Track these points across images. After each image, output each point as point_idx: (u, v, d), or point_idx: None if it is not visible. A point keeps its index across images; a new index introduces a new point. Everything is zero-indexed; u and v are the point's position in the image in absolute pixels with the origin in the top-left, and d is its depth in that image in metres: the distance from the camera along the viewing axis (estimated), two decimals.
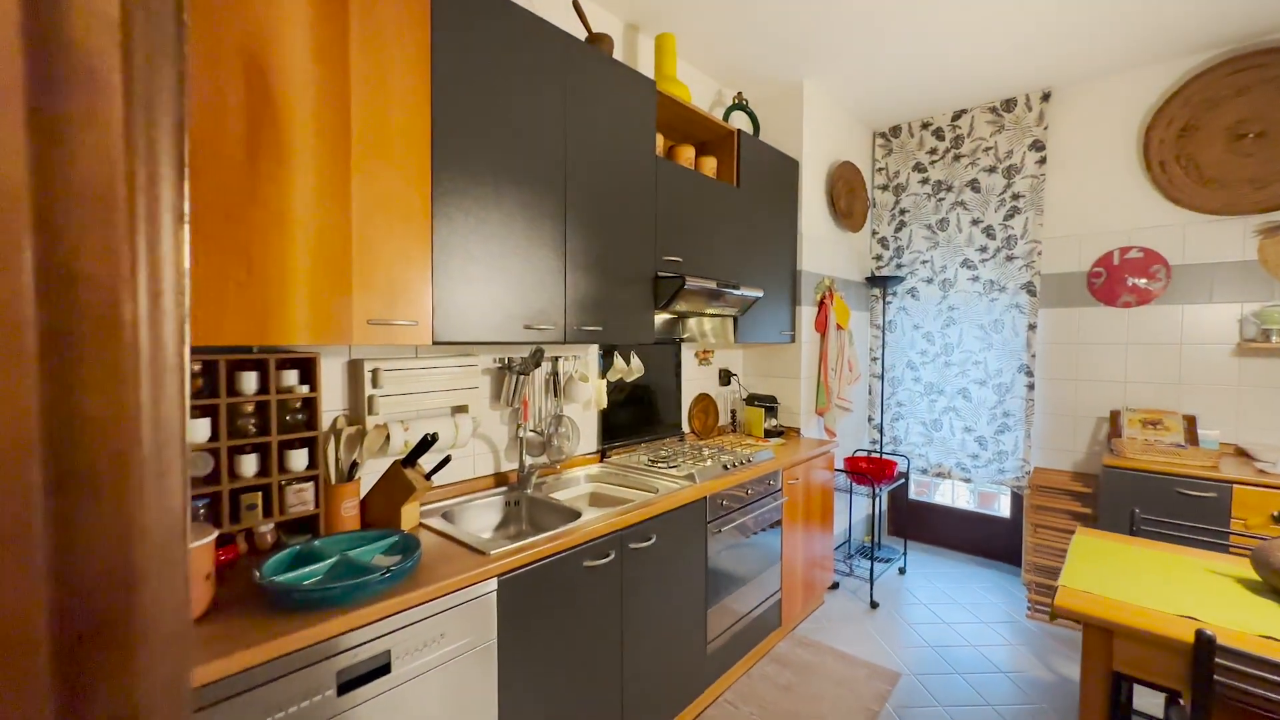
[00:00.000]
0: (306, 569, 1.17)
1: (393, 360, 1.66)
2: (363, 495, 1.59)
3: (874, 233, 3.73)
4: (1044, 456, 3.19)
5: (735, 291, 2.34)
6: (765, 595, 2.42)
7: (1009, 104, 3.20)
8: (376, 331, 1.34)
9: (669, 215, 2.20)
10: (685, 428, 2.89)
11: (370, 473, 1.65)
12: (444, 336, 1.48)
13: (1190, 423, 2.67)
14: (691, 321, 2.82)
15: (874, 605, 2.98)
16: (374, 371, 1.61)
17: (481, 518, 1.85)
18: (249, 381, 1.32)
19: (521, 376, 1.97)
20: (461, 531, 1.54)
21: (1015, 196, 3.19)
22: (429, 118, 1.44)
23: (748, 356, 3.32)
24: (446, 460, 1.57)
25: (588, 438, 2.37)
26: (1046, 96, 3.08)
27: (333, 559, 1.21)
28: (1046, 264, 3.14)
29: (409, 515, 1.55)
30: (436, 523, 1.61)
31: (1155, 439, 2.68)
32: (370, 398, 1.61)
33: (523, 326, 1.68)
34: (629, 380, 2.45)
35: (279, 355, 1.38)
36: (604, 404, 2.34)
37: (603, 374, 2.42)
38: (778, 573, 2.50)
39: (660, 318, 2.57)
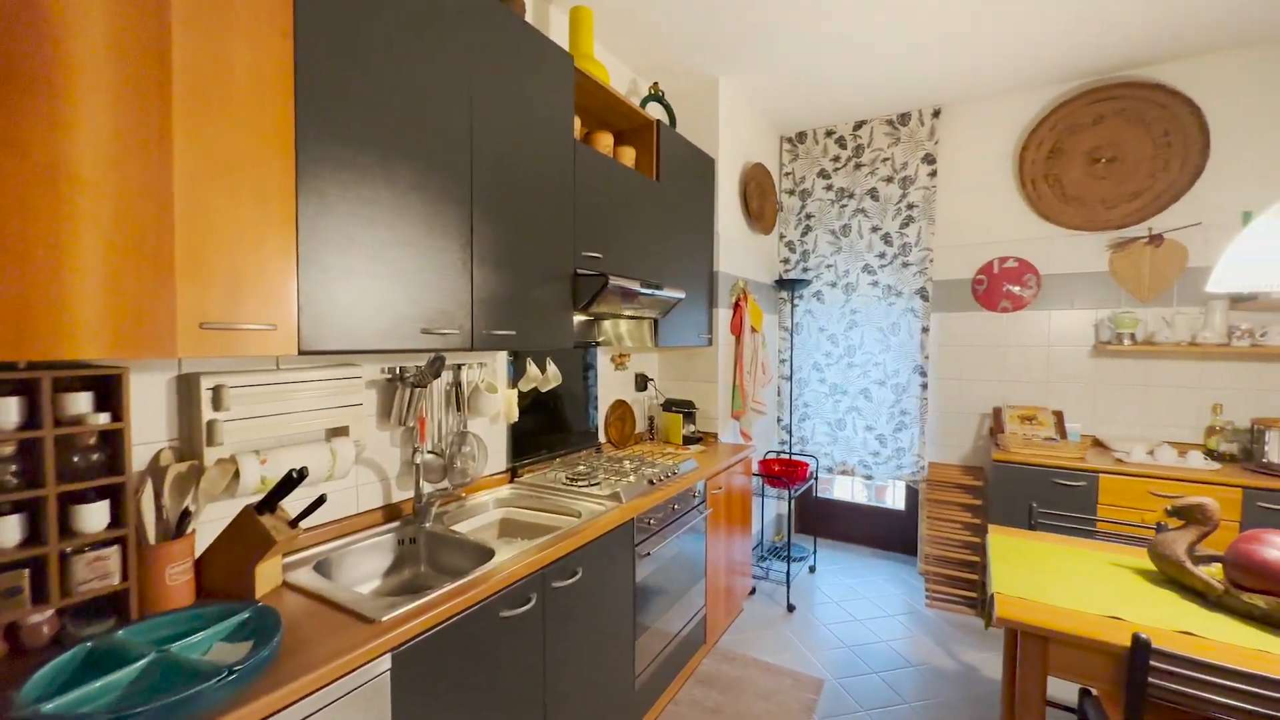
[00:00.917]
0: (100, 682, 0.81)
1: (244, 374, 1.29)
2: (200, 554, 1.21)
3: (781, 236, 3.78)
4: (936, 452, 3.40)
5: (659, 293, 2.18)
6: (691, 613, 2.29)
7: (904, 118, 3.36)
8: (215, 338, 1.00)
9: (588, 207, 1.99)
10: (601, 437, 2.69)
11: (212, 521, 1.27)
12: (315, 344, 1.16)
13: (1059, 418, 2.94)
14: (607, 324, 2.63)
15: (791, 608, 2.98)
16: (215, 389, 1.24)
17: (367, 563, 1.52)
18: (6, 411, 0.92)
19: (417, 389, 1.66)
20: (341, 589, 1.22)
21: (910, 206, 3.35)
22: (291, 61, 1.11)
23: (663, 360, 3.19)
24: (321, 500, 1.24)
25: (496, 455, 2.09)
26: (937, 113, 3.26)
27: (145, 659, 0.86)
28: (938, 271, 3.34)
29: (267, 576, 1.20)
30: (306, 579, 1.27)
31: (1032, 433, 2.92)
32: (211, 424, 1.23)
33: (420, 331, 1.38)
34: (545, 389, 2.20)
35: (60, 373, 0.99)
36: (515, 417, 2.08)
37: (513, 383, 2.15)
38: (703, 588, 2.38)
39: (576, 320, 2.34)
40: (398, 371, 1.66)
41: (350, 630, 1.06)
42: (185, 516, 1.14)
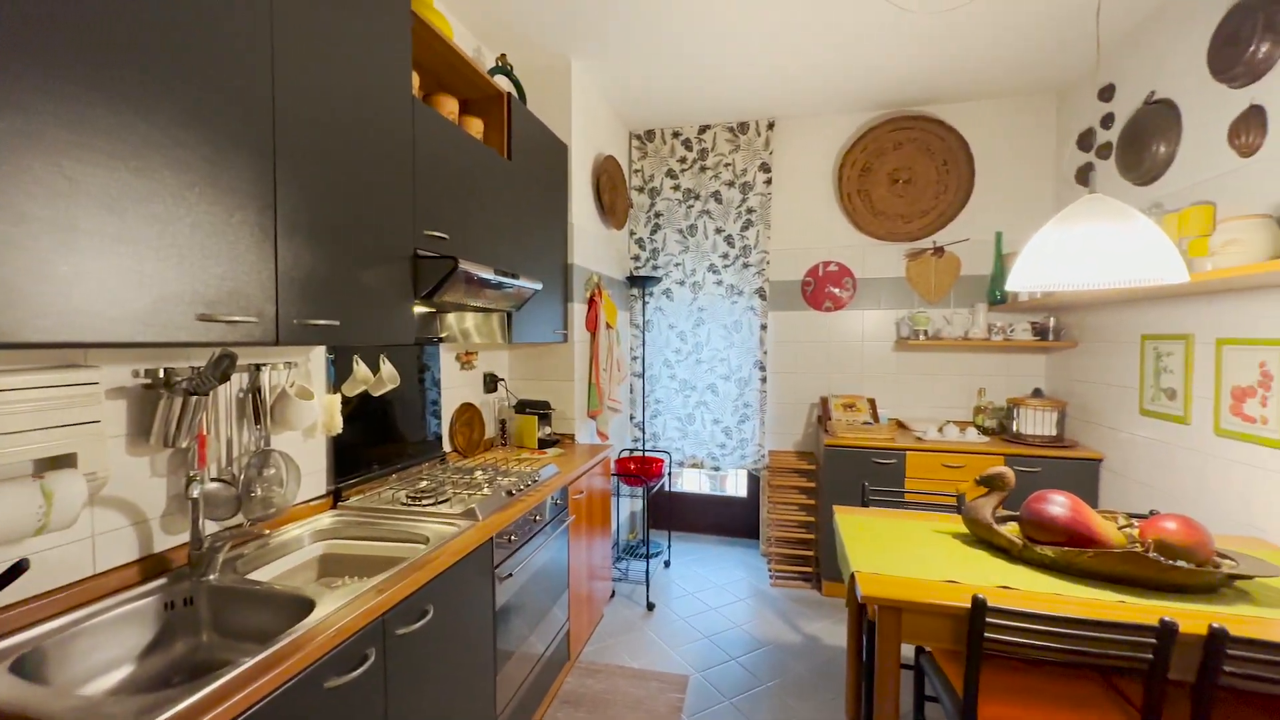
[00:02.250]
0: None
1: None
2: None
3: (632, 233, 3.76)
4: (775, 440, 3.66)
5: (516, 282, 1.96)
6: (554, 632, 2.12)
7: (743, 126, 3.55)
8: None
9: (432, 178, 1.70)
10: (446, 446, 2.38)
11: None
12: (5, 332, 0.76)
13: (873, 404, 3.34)
14: (452, 317, 2.33)
15: (650, 607, 2.95)
16: None
17: (112, 645, 1.09)
18: None
19: (194, 398, 1.24)
20: (59, 695, 0.82)
21: (749, 210, 3.56)
22: None
23: (515, 358, 2.95)
24: (19, 567, 0.82)
25: (313, 477, 1.70)
26: (771, 125, 3.51)
27: None
28: (774, 272, 3.60)
29: None
30: None
31: (853, 419, 3.28)
32: None
33: (196, 317, 1.01)
34: (378, 393, 1.85)
35: None
36: (337, 428, 1.70)
37: (335, 386, 1.76)
38: (566, 601, 2.22)
39: (416, 311, 2.02)
40: (161, 375, 1.22)
41: None
42: None
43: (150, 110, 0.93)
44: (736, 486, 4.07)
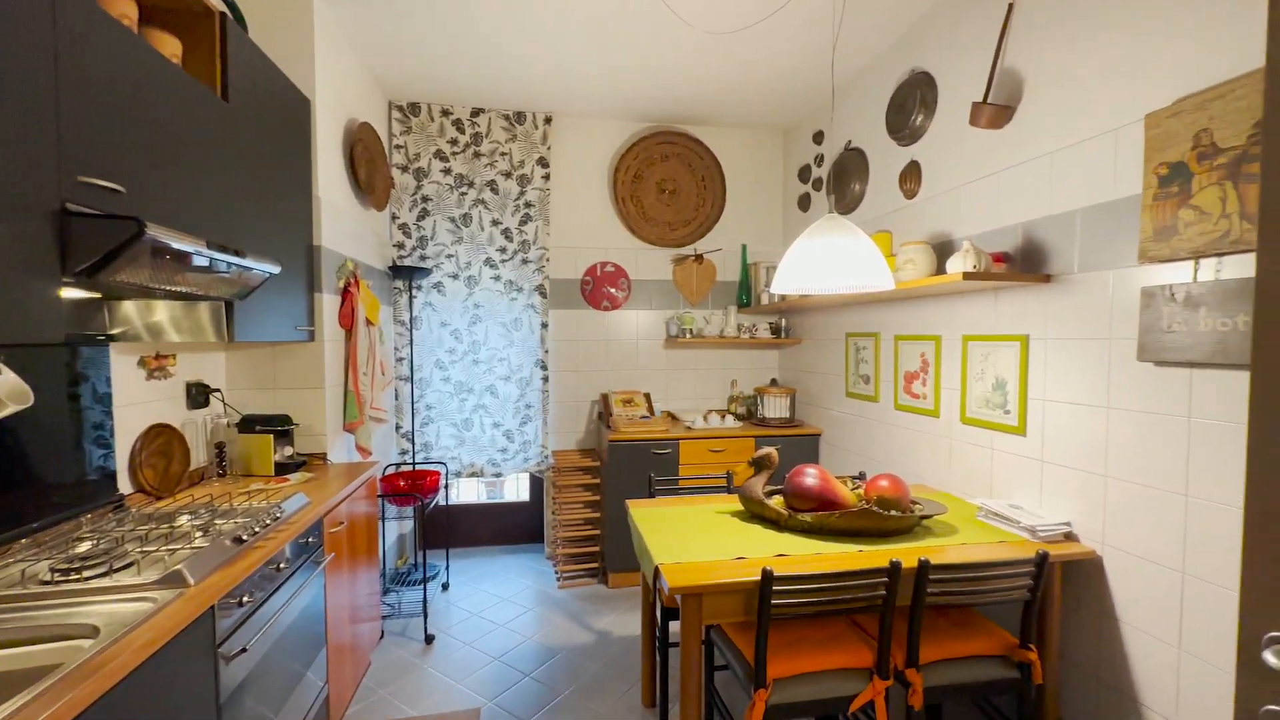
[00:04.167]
0: None
1: None
2: None
3: (394, 217, 3.30)
4: (558, 440, 3.61)
5: (239, 261, 1.49)
6: (309, 702, 1.69)
7: (520, 116, 3.41)
8: None
9: (91, 102, 1.17)
10: (126, 486, 1.71)
11: None
12: None
13: (648, 398, 3.54)
14: (130, 306, 1.69)
15: (429, 640, 2.62)
16: None
17: None
18: None
19: None
20: None
21: (528, 205, 3.44)
22: None
23: (236, 362, 2.30)
24: None
25: None
26: (549, 120, 3.44)
27: None
28: (554, 270, 3.54)
29: None
30: None
31: (632, 414, 3.43)
32: None
33: None
34: None
35: None
36: None
37: None
38: (323, 660, 1.80)
39: (67, 295, 1.39)
40: None
41: None
42: None
43: None
44: (518, 492, 3.92)
